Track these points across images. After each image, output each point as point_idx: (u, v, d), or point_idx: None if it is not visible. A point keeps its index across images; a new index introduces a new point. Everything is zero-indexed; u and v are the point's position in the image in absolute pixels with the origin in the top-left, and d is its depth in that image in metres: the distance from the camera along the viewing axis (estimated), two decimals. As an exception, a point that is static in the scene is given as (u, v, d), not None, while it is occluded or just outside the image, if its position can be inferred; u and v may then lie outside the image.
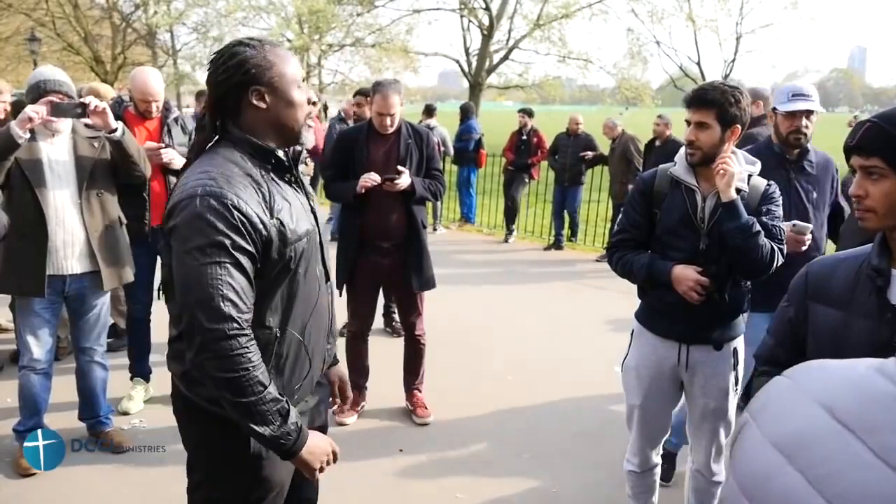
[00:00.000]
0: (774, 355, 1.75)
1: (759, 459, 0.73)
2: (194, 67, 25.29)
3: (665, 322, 2.55)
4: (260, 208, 1.62)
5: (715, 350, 2.50)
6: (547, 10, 22.23)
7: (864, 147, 1.44)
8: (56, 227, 3.14)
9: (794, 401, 0.74)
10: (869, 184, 1.45)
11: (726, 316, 2.52)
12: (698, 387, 2.55)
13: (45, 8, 23.06)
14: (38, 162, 3.11)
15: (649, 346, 2.60)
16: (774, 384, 0.80)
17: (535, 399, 4.39)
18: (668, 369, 2.57)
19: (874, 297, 1.48)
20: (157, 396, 4.13)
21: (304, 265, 1.73)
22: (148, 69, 3.99)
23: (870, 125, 1.44)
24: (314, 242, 1.79)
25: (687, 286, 2.39)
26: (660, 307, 2.55)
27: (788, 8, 24.22)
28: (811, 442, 0.68)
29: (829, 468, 0.66)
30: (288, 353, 1.74)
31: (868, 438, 0.65)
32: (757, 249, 2.33)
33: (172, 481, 3.29)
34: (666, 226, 2.51)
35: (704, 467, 2.67)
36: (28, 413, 3.35)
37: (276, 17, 23.60)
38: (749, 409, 0.81)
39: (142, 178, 3.48)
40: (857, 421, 0.67)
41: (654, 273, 2.49)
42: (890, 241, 1.49)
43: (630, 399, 2.72)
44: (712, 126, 2.37)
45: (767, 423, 0.75)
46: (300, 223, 1.71)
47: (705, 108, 2.37)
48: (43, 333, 3.28)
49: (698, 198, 2.45)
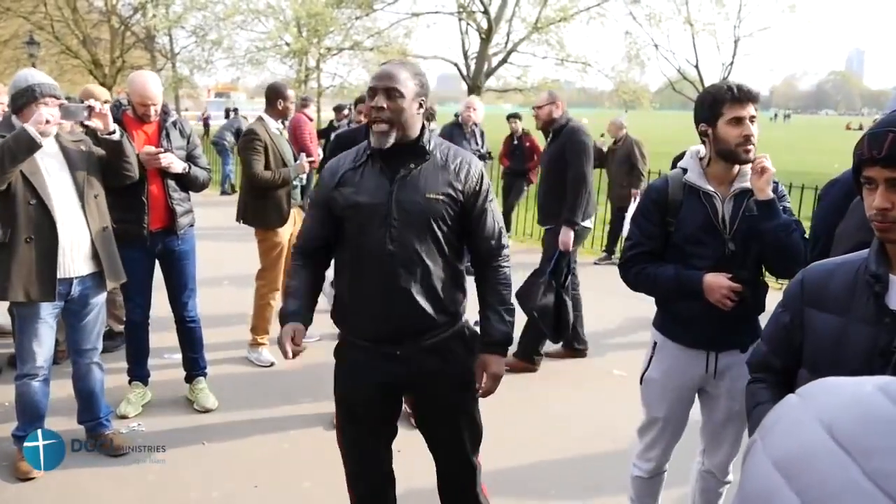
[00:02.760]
0: (768, 362, 1.74)
1: (761, 481, 0.70)
2: (192, 71, 25.33)
3: (693, 332, 2.48)
4: None
5: (741, 353, 2.44)
6: (545, 14, 22.24)
7: (893, 158, 1.39)
8: (64, 228, 3.14)
9: (799, 419, 0.72)
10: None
11: (751, 317, 2.49)
12: (724, 390, 2.50)
13: (44, 11, 23.05)
14: (36, 166, 3.11)
15: (674, 358, 2.53)
16: (785, 403, 0.77)
17: (532, 400, 4.39)
18: (695, 379, 2.52)
19: (872, 302, 1.47)
20: (155, 400, 4.13)
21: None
22: (146, 73, 4.00)
23: (894, 136, 1.39)
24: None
25: (721, 294, 2.32)
26: (687, 317, 2.48)
27: (786, 11, 24.34)
28: (809, 463, 0.66)
29: (824, 491, 0.63)
30: None
31: (864, 462, 0.62)
32: (797, 246, 2.30)
33: (172, 484, 3.30)
34: (685, 234, 2.43)
35: (720, 469, 2.64)
36: (29, 419, 3.33)
37: (274, 21, 23.62)
38: (759, 428, 0.79)
39: (132, 179, 3.48)
40: (855, 442, 0.64)
41: (683, 284, 2.41)
42: (888, 247, 1.48)
43: (652, 411, 2.64)
44: (756, 117, 2.37)
45: (771, 442, 0.73)
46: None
47: (756, 102, 2.36)
48: (46, 340, 3.27)
49: (717, 202, 2.40)
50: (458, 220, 2.23)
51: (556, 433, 3.94)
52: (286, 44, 23.13)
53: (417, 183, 2.18)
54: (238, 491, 3.28)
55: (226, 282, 6.54)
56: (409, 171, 2.19)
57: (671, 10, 23.50)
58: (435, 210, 2.18)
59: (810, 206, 6.34)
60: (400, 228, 2.16)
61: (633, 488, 2.80)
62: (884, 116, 1.56)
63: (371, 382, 2.32)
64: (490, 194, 2.30)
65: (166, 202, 3.85)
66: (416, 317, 2.21)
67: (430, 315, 2.22)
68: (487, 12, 22.18)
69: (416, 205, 2.17)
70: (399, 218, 2.16)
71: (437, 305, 2.23)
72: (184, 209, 3.93)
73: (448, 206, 2.19)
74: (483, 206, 2.27)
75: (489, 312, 2.32)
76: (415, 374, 2.29)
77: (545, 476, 3.49)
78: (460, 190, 2.21)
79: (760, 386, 1.75)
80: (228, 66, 25.31)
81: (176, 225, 3.88)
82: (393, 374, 2.28)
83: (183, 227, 3.93)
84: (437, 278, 2.21)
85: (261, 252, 4.80)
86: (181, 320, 4.12)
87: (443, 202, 2.18)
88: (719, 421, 2.57)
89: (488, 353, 2.32)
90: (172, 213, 3.87)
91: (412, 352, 2.26)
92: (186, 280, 4.07)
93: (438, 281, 2.22)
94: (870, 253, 1.52)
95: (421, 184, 2.19)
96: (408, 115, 2.15)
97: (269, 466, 3.50)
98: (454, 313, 2.31)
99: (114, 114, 3.78)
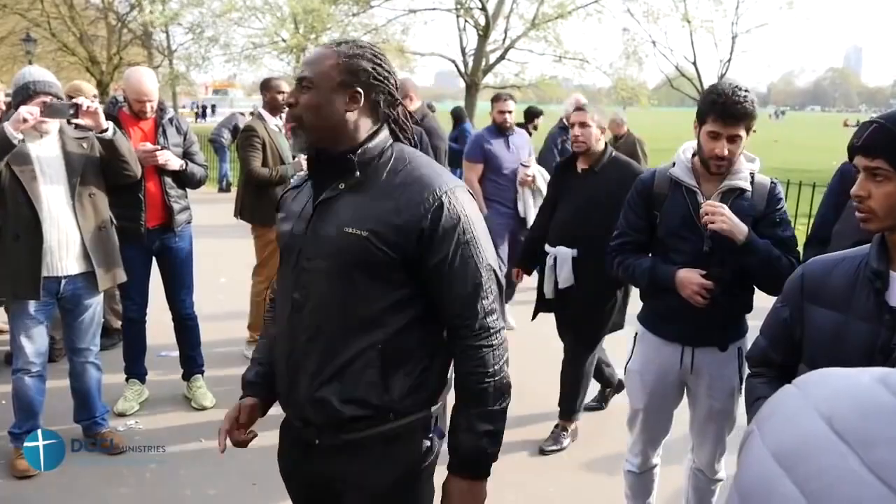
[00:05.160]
0: (767, 357, 1.73)
1: (759, 471, 0.70)
2: (189, 68, 25.27)
3: (669, 325, 2.51)
4: None
5: (720, 351, 2.46)
6: (543, 10, 22.23)
7: (870, 148, 1.43)
8: (51, 227, 3.13)
9: (797, 410, 0.71)
10: (872, 185, 1.44)
11: (731, 317, 2.49)
12: (704, 388, 2.52)
13: (41, 8, 22.94)
14: (28, 163, 3.10)
15: (653, 350, 2.57)
16: (782, 393, 0.77)
17: (529, 398, 4.38)
18: (672, 372, 2.54)
19: (872, 299, 1.46)
20: (151, 397, 4.12)
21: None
22: (142, 69, 3.98)
23: (876, 126, 1.43)
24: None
25: (691, 290, 2.34)
26: (664, 310, 2.51)
27: (784, 8, 24.38)
28: (808, 454, 0.66)
29: (823, 482, 0.63)
30: None
31: (864, 452, 0.62)
32: (780, 272, 2.18)
33: (170, 482, 3.29)
34: (668, 228, 2.46)
35: (707, 467, 2.66)
36: (24, 416, 3.33)
37: (271, 17, 23.56)
38: (756, 418, 0.78)
39: (133, 178, 3.45)
40: (855, 433, 0.63)
41: (657, 278, 2.45)
42: (889, 243, 1.48)
43: (633, 402, 2.69)
44: (743, 137, 2.29)
45: (770, 432, 0.73)
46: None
47: (742, 122, 2.26)
48: (37, 336, 3.27)
49: (700, 199, 2.39)
50: (403, 270, 1.56)
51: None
52: (283, 40, 23.06)
53: (338, 210, 1.57)
54: (235, 489, 3.27)
55: (223, 279, 6.53)
56: (334, 192, 1.59)
57: (669, 7, 23.56)
58: (353, 251, 1.52)
59: (808, 203, 6.34)
60: (310, 272, 1.58)
61: (626, 483, 2.84)
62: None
63: (295, 483, 1.84)
64: (466, 237, 1.54)
65: (163, 199, 3.84)
66: (315, 403, 1.60)
67: (331, 404, 1.58)
68: (485, 9, 22.15)
69: (328, 241, 1.56)
70: (310, 257, 1.59)
71: (345, 391, 1.57)
72: (181, 206, 3.92)
73: (376, 247, 1.52)
74: (446, 254, 1.53)
75: (455, 417, 1.64)
76: (329, 477, 1.69)
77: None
78: (399, 226, 1.52)
79: (760, 380, 1.75)
80: (225, 63, 25.21)
81: (173, 222, 3.87)
82: (312, 471, 1.72)
83: (180, 225, 3.92)
84: (352, 350, 1.56)
85: (257, 248, 4.79)
86: (178, 318, 4.11)
87: (367, 241, 1.52)
88: (702, 419, 2.59)
89: (450, 475, 1.68)
90: (170, 211, 3.86)
91: (330, 445, 1.65)
92: (184, 277, 4.06)
93: (359, 356, 1.56)
94: (871, 249, 1.51)
95: (341, 211, 1.56)
96: (326, 113, 1.57)
97: (266, 464, 3.48)
98: (386, 406, 1.59)
99: (110, 111, 3.78)
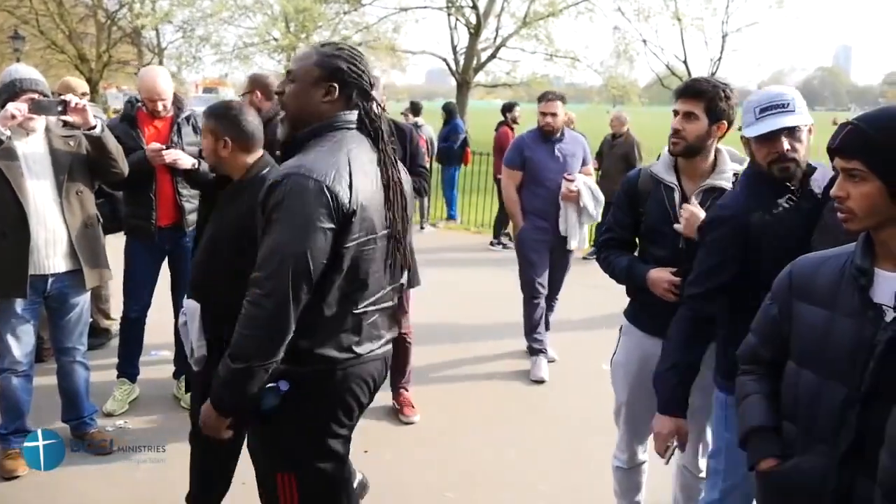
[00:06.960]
0: (757, 354, 1.75)
1: None
2: (180, 67, 25.14)
3: (651, 319, 2.54)
4: None
5: None
6: (534, 9, 22.28)
7: (845, 149, 1.45)
8: (37, 225, 3.10)
9: None
10: (850, 186, 1.45)
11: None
12: None
13: (29, 5, 22.81)
14: (14, 160, 3.07)
15: (636, 343, 2.61)
16: None
17: (524, 397, 4.40)
18: (653, 365, 2.52)
19: (857, 295, 1.48)
20: (141, 397, 4.10)
21: None
22: (156, 68, 4.01)
23: (851, 128, 1.45)
24: None
25: (662, 288, 2.41)
26: (649, 304, 2.54)
27: (774, 7, 24.42)
28: None
29: None
30: None
31: None
32: None
33: (159, 481, 3.27)
34: (649, 225, 2.52)
35: (691, 464, 2.68)
36: (11, 416, 3.31)
37: (262, 16, 23.51)
38: None
39: (120, 177, 3.39)
40: None
41: (632, 276, 2.53)
42: (874, 240, 1.49)
43: (618, 396, 2.73)
44: (700, 117, 2.34)
45: None
46: None
47: (695, 99, 2.35)
48: (24, 335, 3.24)
49: (676, 196, 2.44)
50: None
51: (548, 428, 3.95)
52: (274, 39, 23.01)
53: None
54: (225, 488, 3.25)
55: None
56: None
57: (659, 6, 23.56)
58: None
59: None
60: None
61: (614, 479, 2.86)
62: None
63: None
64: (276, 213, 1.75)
65: (175, 199, 3.81)
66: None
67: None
68: (476, 7, 22.17)
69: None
70: None
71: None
72: (193, 206, 3.81)
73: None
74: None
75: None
76: None
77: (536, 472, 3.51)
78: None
79: (749, 378, 1.76)
80: (216, 62, 25.14)
81: (184, 222, 3.84)
82: None
83: (191, 225, 3.83)
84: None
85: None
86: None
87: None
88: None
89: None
90: (181, 210, 3.83)
91: None
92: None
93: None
94: (856, 246, 1.53)
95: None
96: (303, 102, 1.86)
97: (256, 463, 3.47)
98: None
99: (128, 111, 3.79)
